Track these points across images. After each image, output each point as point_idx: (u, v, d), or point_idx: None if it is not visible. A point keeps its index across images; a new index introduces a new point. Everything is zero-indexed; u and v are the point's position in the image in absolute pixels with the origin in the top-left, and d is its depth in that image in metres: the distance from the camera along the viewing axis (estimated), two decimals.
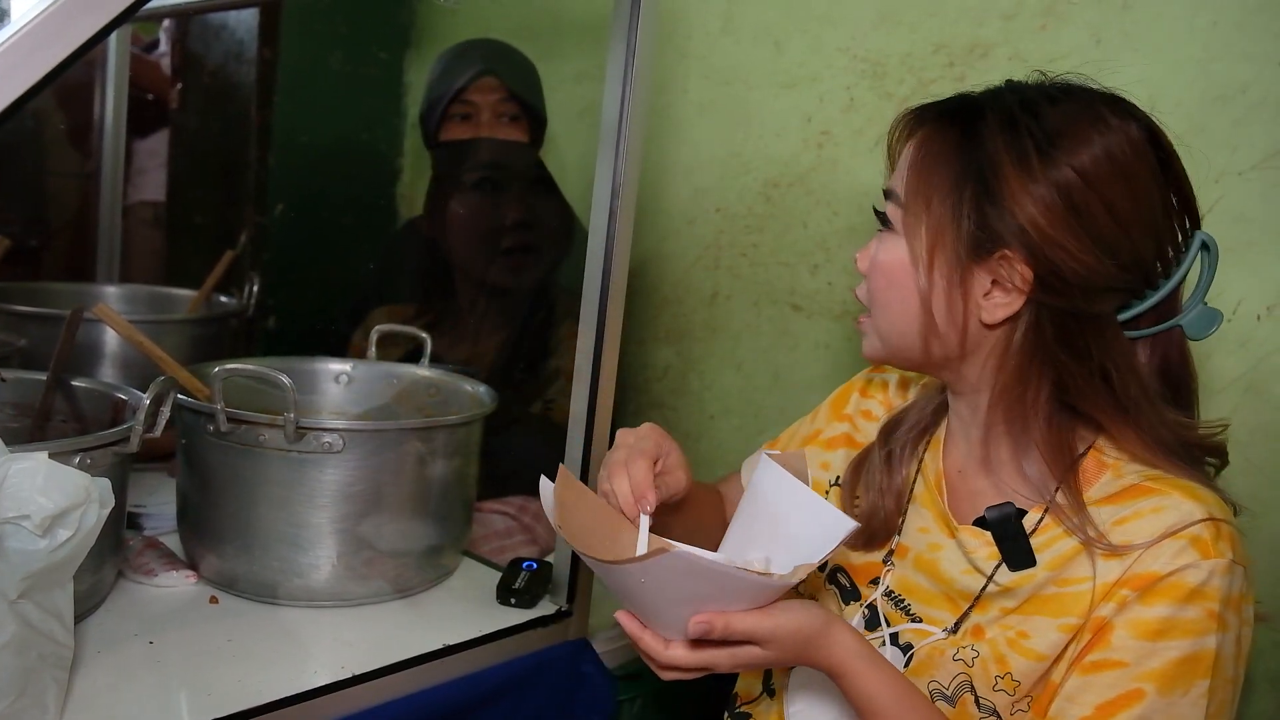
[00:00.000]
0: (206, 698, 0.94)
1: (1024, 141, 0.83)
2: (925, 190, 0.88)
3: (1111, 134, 0.83)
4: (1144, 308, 0.86)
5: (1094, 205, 0.82)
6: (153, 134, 2.26)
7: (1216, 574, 0.79)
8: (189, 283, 1.82)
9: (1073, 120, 0.84)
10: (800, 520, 0.85)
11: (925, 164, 0.88)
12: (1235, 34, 1.14)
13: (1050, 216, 0.82)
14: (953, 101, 0.91)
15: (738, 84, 1.64)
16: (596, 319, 1.12)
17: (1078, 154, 0.82)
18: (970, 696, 0.87)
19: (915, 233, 0.88)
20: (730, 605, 0.81)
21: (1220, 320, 0.87)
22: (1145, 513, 0.82)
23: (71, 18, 0.72)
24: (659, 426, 0.99)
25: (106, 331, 1.46)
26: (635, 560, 0.78)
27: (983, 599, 0.89)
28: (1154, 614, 0.79)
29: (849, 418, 1.12)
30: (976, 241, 0.85)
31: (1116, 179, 0.82)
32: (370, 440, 1.10)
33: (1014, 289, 0.85)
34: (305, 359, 1.39)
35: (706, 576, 0.78)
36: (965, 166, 0.85)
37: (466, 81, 1.69)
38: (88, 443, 0.98)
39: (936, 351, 0.90)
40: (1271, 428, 1.13)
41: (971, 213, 0.85)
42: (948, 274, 0.87)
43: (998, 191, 0.83)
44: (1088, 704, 0.81)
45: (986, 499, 0.91)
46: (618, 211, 1.09)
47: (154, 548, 1.20)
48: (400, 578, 1.17)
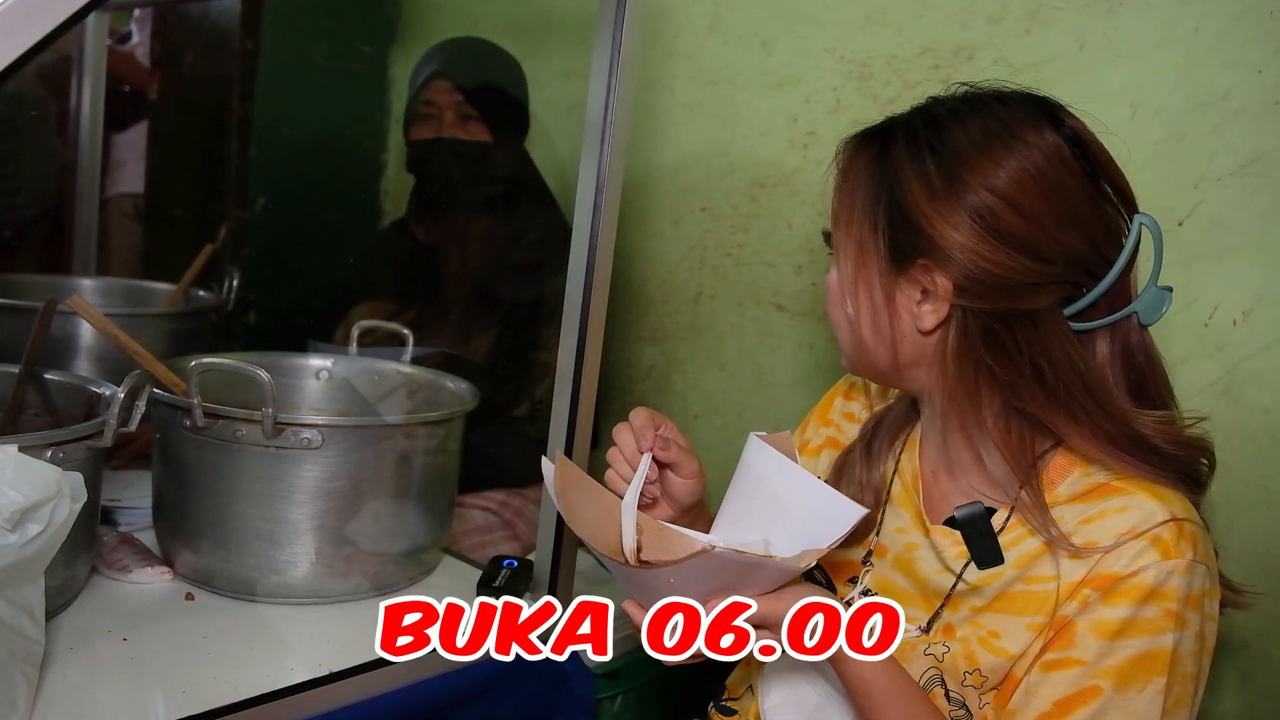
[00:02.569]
0: (181, 695, 0.93)
1: (924, 159, 0.86)
2: (845, 213, 0.92)
3: (1028, 150, 0.85)
4: (1091, 298, 0.86)
5: (1008, 216, 0.83)
6: (132, 126, 2.24)
7: (1176, 574, 0.80)
8: (167, 276, 1.80)
9: (984, 139, 0.86)
10: (801, 504, 0.85)
11: (845, 188, 0.93)
12: (1217, 41, 1.15)
13: (960, 229, 0.84)
14: (876, 126, 0.94)
15: (724, 84, 1.64)
16: (580, 318, 1.12)
17: (991, 173, 0.84)
18: (941, 690, 0.88)
19: (843, 252, 0.92)
20: (743, 591, 0.81)
21: (1169, 299, 0.87)
22: (1110, 512, 0.83)
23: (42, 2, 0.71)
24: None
25: (81, 324, 1.45)
26: (671, 563, 0.78)
27: (953, 597, 0.90)
28: (1114, 614, 0.81)
29: (833, 422, 1.13)
30: (893, 255, 0.88)
31: (1035, 193, 0.84)
32: (349, 437, 1.09)
33: (937, 296, 0.87)
34: (285, 354, 1.38)
35: (736, 569, 0.78)
36: (878, 187, 0.89)
37: (422, 82, 1.72)
38: (60, 436, 0.97)
39: (872, 364, 0.93)
40: (1247, 431, 1.14)
41: (885, 228, 0.88)
42: (870, 289, 0.90)
43: (906, 207, 0.86)
44: (1047, 699, 0.82)
45: (958, 500, 0.92)
46: (602, 209, 1.09)
47: (129, 543, 1.19)
48: (379, 575, 1.16)
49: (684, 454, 0.96)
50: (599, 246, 1.10)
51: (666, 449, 0.94)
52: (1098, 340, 0.88)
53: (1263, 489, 1.13)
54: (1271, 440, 1.13)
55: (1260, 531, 1.13)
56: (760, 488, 0.88)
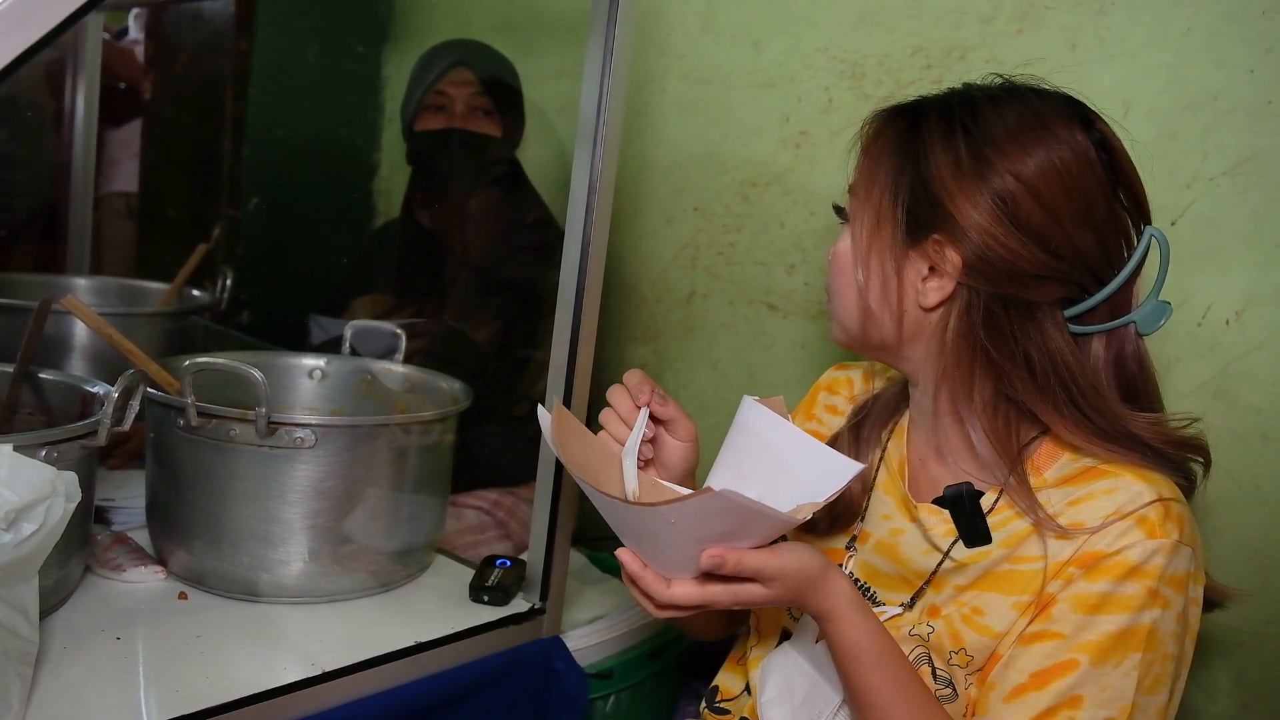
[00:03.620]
0: (174, 694, 0.93)
1: (955, 135, 0.87)
2: (866, 182, 0.92)
3: (1058, 146, 0.86)
4: (1093, 303, 0.87)
5: (1028, 205, 0.85)
6: (125, 124, 2.24)
7: (1160, 553, 0.81)
8: (161, 276, 1.80)
9: (1017, 126, 0.87)
10: (798, 462, 0.85)
11: (869, 157, 0.93)
12: (1208, 41, 1.15)
13: (980, 209, 0.85)
14: (908, 102, 0.94)
15: (716, 83, 1.65)
16: (572, 317, 1.12)
17: (1019, 160, 0.85)
18: (928, 668, 0.90)
19: (859, 220, 0.92)
20: (740, 543, 0.81)
21: (1169, 312, 0.88)
22: (1099, 494, 0.85)
23: (41, 3, 0.71)
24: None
25: (75, 324, 1.44)
26: (676, 500, 0.77)
27: (938, 575, 0.91)
28: (1094, 589, 0.82)
29: (816, 416, 1.14)
30: (909, 227, 0.89)
31: (1058, 188, 0.85)
32: (343, 436, 1.09)
33: (945, 273, 0.88)
34: (278, 353, 1.38)
35: (738, 515, 0.77)
36: (904, 158, 0.90)
37: (441, 72, 1.71)
38: (54, 435, 0.97)
39: (875, 336, 0.93)
40: (1239, 430, 1.14)
41: (906, 199, 0.89)
42: (883, 259, 0.90)
43: (929, 181, 0.87)
44: (1024, 670, 0.83)
45: (946, 482, 0.93)
46: (594, 209, 1.09)
47: (123, 543, 1.18)
48: (372, 574, 1.16)
49: (680, 413, 0.97)
50: (592, 245, 1.10)
51: (665, 404, 0.95)
52: (1094, 344, 0.90)
53: (1255, 488, 1.13)
54: (1264, 440, 1.13)
55: (1252, 531, 1.13)
56: (756, 446, 0.88)
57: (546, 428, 0.89)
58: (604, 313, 1.15)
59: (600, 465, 0.92)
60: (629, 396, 0.95)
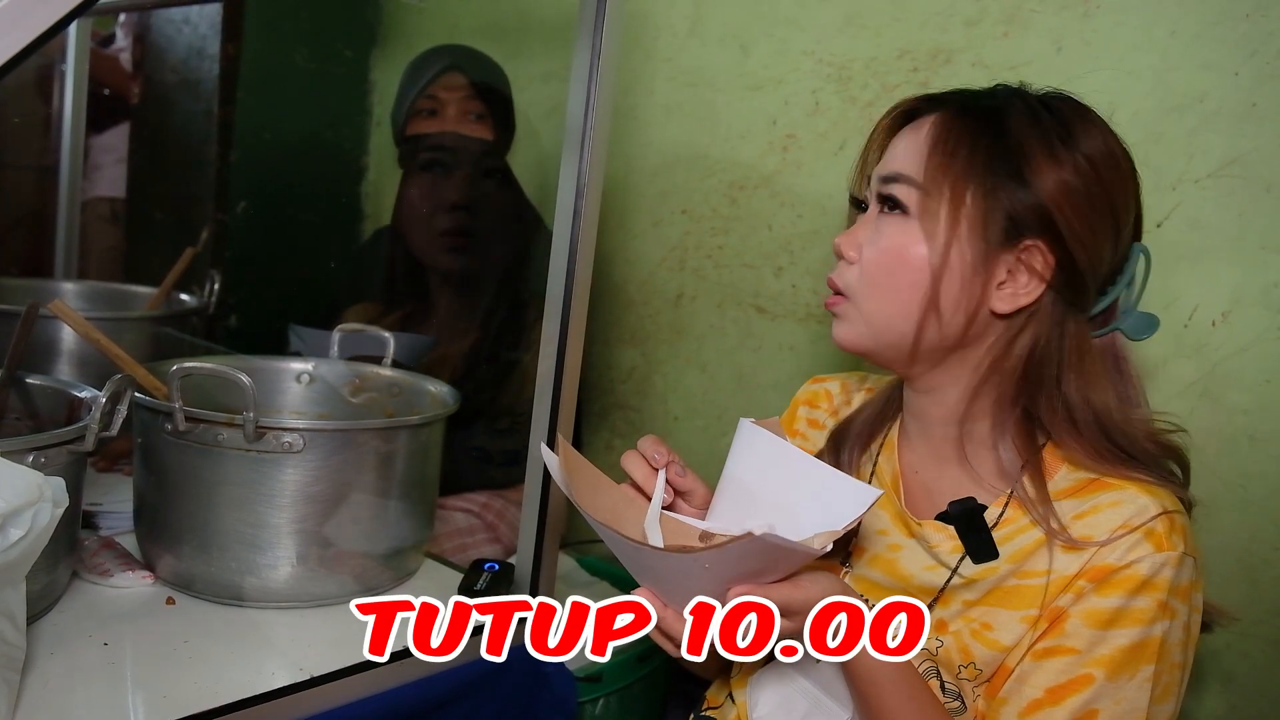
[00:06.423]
0: (162, 700, 0.93)
1: (1048, 129, 0.87)
2: (949, 174, 0.87)
3: (1123, 157, 0.89)
4: (1094, 311, 0.90)
5: (1101, 195, 0.86)
6: (109, 129, 2.23)
7: (1168, 566, 0.82)
8: (149, 280, 1.80)
9: (1075, 115, 0.89)
10: (810, 489, 0.83)
11: (947, 148, 0.88)
12: (1193, 44, 1.16)
13: (1073, 202, 0.85)
14: (959, 92, 0.93)
15: (704, 86, 1.65)
16: (560, 319, 1.12)
17: (1087, 142, 0.87)
18: (936, 681, 0.89)
19: (934, 215, 0.87)
20: (765, 578, 0.79)
21: (1157, 325, 0.91)
22: (1104, 507, 0.85)
23: (28, 8, 0.71)
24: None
25: (63, 328, 1.44)
26: (715, 548, 0.74)
27: (946, 592, 0.91)
28: (1107, 604, 0.82)
29: (799, 431, 1.13)
30: (1005, 228, 0.86)
31: (1114, 171, 0.87)
32: (331, 440, 1.09)
33: (1034, 277, 0.87)
34: (266, 358, 1.38)
35: (770, 554, 0.75)
36: (994, 152, 0.87)
37: (433, 76, 1.71)
38: (41, 441, 0.96)
39: (931, 337, 0.89)
40: (1226, 431, 1.15)
41: (1005, 197, 0.86)
42: (971, 258, 0.87)
43: (1027, 176, 0.86)
44: (1039, 686, 0.84)
45: (944, 495, 0.93)
46: (582, 212, 1.09)
47: (110, 548, 1.18)
48: (361, 579, 1.16)
49: (698, 482, 0.93)
50: (579, 248, 1.10)
51: (683, 475, 0.91)
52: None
53: (1242, 489, 1.14)
54: (1250, 441, 1.14)
55: (1239, 532, 1.14)
56: (762, 473, 0.85)
57: (554, 468, 0.85)
58: (592, 315, 1.15)
59: (612, 503, 0.89)
60: (645, 461, 0.91)
